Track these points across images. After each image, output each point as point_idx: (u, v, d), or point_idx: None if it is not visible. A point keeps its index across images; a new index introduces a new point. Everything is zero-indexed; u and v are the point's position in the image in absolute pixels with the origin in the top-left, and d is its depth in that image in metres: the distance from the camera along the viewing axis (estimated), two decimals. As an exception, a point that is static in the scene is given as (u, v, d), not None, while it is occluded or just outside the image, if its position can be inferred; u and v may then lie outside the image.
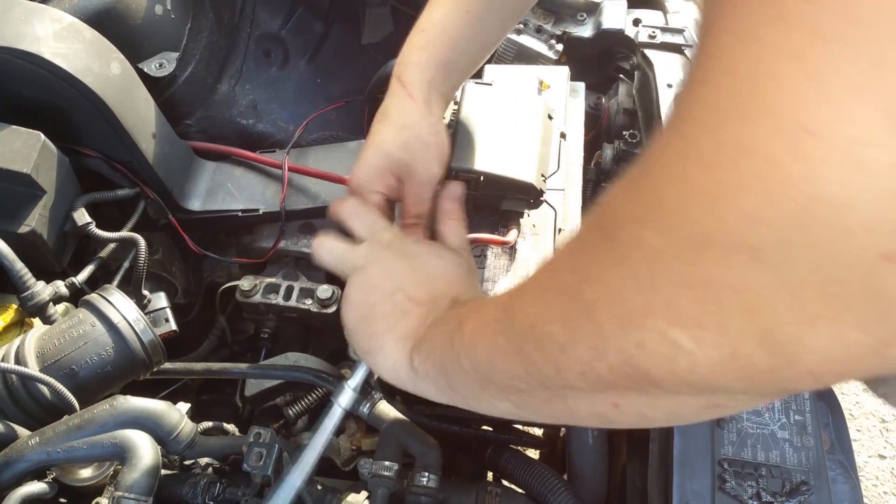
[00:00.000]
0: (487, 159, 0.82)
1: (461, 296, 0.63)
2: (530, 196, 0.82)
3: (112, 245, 0.96)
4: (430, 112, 0.76)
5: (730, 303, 0.30)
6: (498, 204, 0.84)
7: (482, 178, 0.81)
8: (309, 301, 0.99)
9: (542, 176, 0.82)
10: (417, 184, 0.75)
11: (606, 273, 0.36)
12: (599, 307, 0.36)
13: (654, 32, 1.08)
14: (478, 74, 1.00)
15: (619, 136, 1.06)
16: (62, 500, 0.76)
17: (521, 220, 0.88)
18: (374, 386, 0.82)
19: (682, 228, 0.31)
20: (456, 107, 0.91)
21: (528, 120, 0.85)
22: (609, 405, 0.41)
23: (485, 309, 0.50)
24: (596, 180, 1.05)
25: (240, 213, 1.04)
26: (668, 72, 1.00)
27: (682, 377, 0.33)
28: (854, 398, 2.07)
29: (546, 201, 0.88)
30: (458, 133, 0.85)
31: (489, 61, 1.07)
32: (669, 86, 0.98)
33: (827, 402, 0.80)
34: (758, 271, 0.28)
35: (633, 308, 0.34)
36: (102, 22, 0.96)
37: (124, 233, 0.95)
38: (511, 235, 0.85)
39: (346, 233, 0.74)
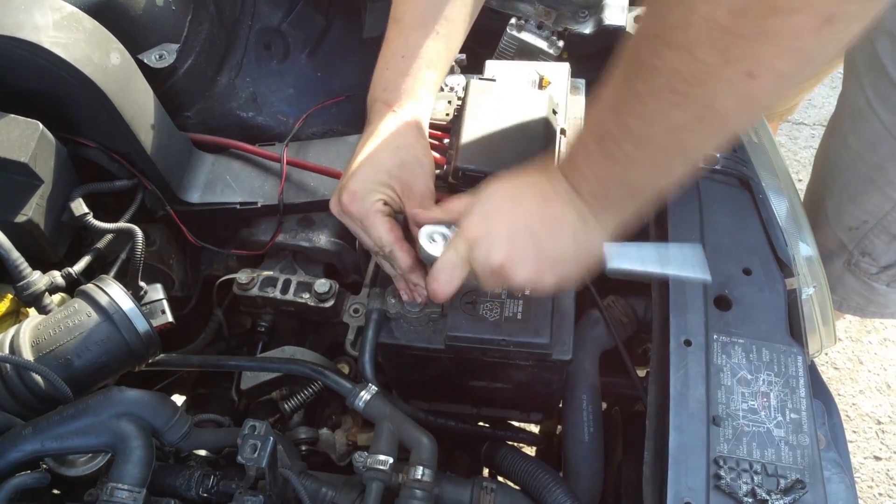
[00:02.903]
0: (493, 158, 0.82)
1: (536, 170, 0.68)
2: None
3: (109, 236, 0.96)
4: (422, 134, 0.79)
5: None
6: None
7: (488, 176, 0.81)
8: (306, 295, 0.99)
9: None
10: (419, 197, 0.77)
11: None
12: None
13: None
14: (479, 70, 1.00)
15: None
16: (55, 490, 0.76)
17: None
18: (371, 379, 0.82)
19: None
20: (459, 102, 0.91)
21: (532, 116, 0.85)
22: (745, 77, 0.45)
23: (602, 101, 0.57)
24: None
25: (238, 206, 1.04)
26: (668, 70, 1.00)
27: None
28: (850, 400, 2.07)
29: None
30: (463, 130, 0.84)
31: (491, 57, 1.07)
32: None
33: (823, 401, 0.80)
34: None
35: None
36: (102, 12, 0.95)
37: (122, 224, 0.95)
38: None
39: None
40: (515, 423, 1.03)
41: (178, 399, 1.16)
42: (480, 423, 0.99)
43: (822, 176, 1.23)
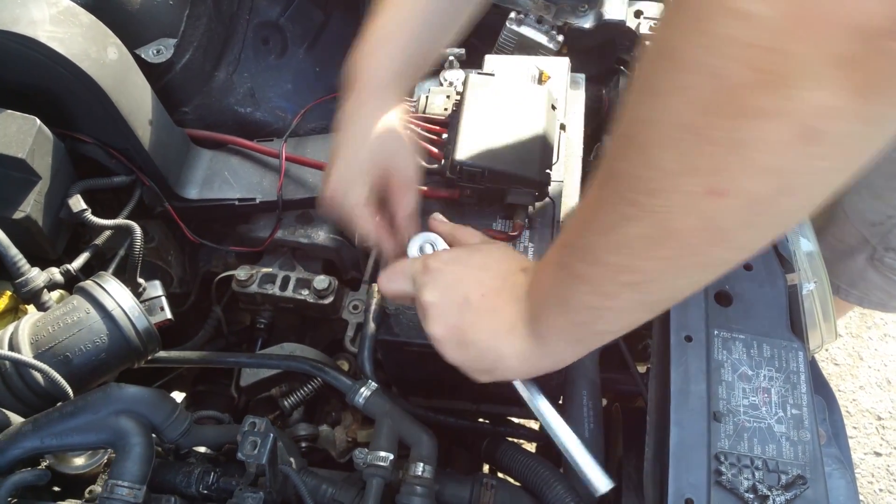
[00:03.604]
0: (491, 153, 0.81)
1: (524, 263, 0.63)
2: (535, 189, 0.82)
3: (107, 232, 0.95)
4: (401, 112, 0.76)
5: None
6: (502, 197, 0.83)
7: (486, 172, 0.81)
8: (305, 291, 0.99)
9: (548, 170, 0.81)
10: (403, 184, 0.75)
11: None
12: (671, 38, 0.36)
13: (655, 24, 1.07)
14: (478, 64, 0.99)
15: (619, 129, 1.05)
16: (56, 488, 0.75)
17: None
18: (370, 376, 0.81)
19: None
20: (458, 97, 0.90)
21: (531, 111, 0.85)
22: (709, 194, 0.38)
23: (575, 213, 0.53)
24: (595, 173, 1.05)
25: (236, 202, 1.04)
26: (669, 64, 0.99)
27: (757, 59, 0.32)
28: (851, 395, 2.07)
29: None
30: (461, 125, 0.84)
31: (490, 51, 1.06)
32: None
33: (824, 396, 0.80)
34: None
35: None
36: (100, 6, 0.95)
37: (120, 220, 0.94)
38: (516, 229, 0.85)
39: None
40: (515, 420, 1.03)
41: (178, 396, 1.16)
42: (480, 420, 0.99)
43: None
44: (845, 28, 0.29)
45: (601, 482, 0.63)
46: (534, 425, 1.10)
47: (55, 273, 0.87)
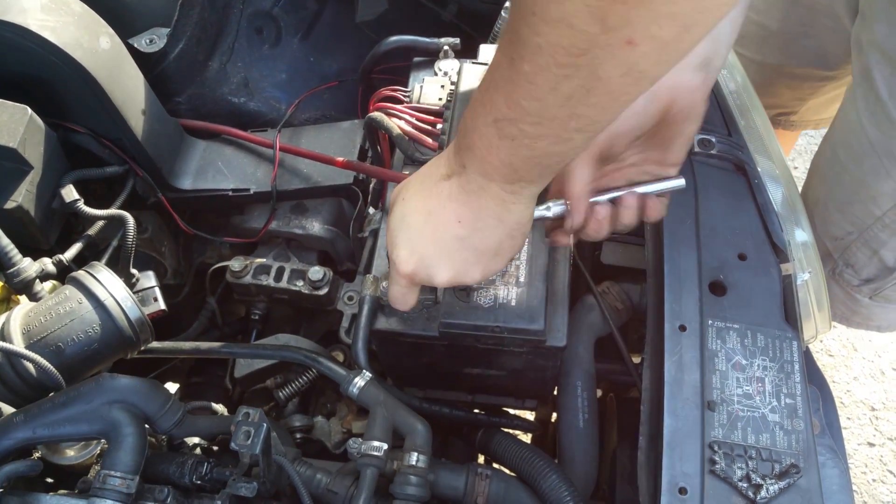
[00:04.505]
0: None
1: (442, 169, 0.67)
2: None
3: (100, 223, 0.95)
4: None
5: None
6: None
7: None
8: (300, 282, 0.98)
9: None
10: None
11: None
12: None
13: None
14: (473, 54, 0.99)
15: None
16: (48, 479, 0.75)
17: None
18: (364, 366, 0.81)
19: None
20: (453, 87, 0.90)
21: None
22: (625, 45, 0.45)
23: (488, 86, 0.56)
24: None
25: (230, 193, 1.03)
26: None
27: None
28: (845, 386, 2.08)
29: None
30: (456, 115, 0.84)
31: (485, 41, 1.06)
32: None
33: (818, 387, 0.80)
34: None
35: None
36: (92, -5, 0.94)
37: (113, 210, 0.94)
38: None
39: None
40: (510, 410, 1.03)
41: (172, 386, 1.16)
42: (475, 410, 0.99)
43: (814, 182, 1.23)
44: None
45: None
46: (528, 415, 1.10)
47: (47, 263, 0.87)
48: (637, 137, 0.71)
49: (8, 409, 0.73)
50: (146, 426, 0.72)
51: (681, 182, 0.72)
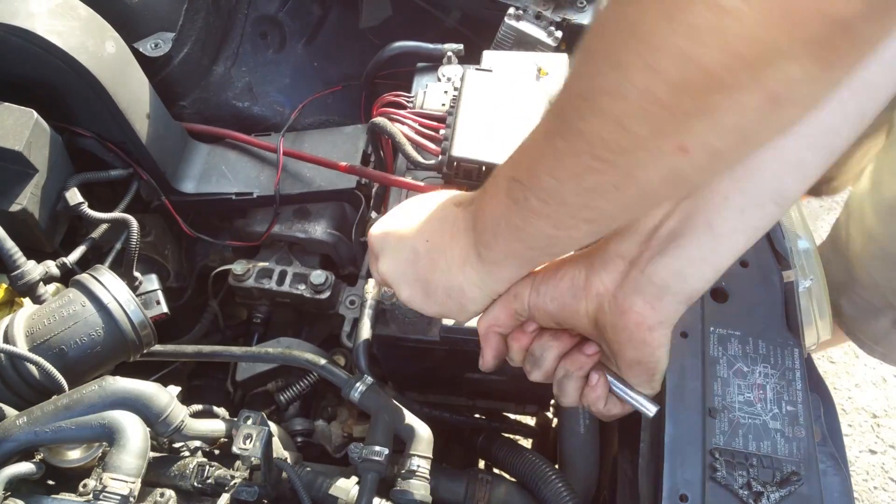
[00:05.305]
0: (488, 148, 0.81)
1: (456, 198, 0.64)
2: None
3: (104, 226, 0.95)
4: None
5: None
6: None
7: (483, 168, 0.81)
8: (302, 286, 0.99)
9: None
10: None
11: None
12: (641, 20, 0.37)
13: None
14: (476, 60, 0.99)
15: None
16: (50, 481, 0.75)
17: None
18: (365, 370, 0.81)
19: None
20: (456, 92, 0.90)
21: (529, 107, 0.85)
22: (676, 151, 0.41)
23: (524, 145, 0.52)
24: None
25: (234, 197, 1.04)
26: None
27: (735, 48, 0.35)
28: (846, 393, 2.08)
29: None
30: (458, 121, 0.84)
31: (488, 47, 1.06)
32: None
33: (819, 394, 0.80)
34: None
35: None
36: (98, 0, 0.94)
37: (117, 214, 0.94)
38: None
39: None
40: (511, 416, 1.03)
41: (174, 389, 1.16)
42: (476, 415, 0.99)
43: (874, 236, 1.23)
44: (817, 16, 0.33)
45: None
46: (529, 420, 1.10)
47: (51, 266, 0.87)
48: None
49: (11, 412, 0.73)
50: (148, 429, 0.72)
51: (649, 411, 0.61)
